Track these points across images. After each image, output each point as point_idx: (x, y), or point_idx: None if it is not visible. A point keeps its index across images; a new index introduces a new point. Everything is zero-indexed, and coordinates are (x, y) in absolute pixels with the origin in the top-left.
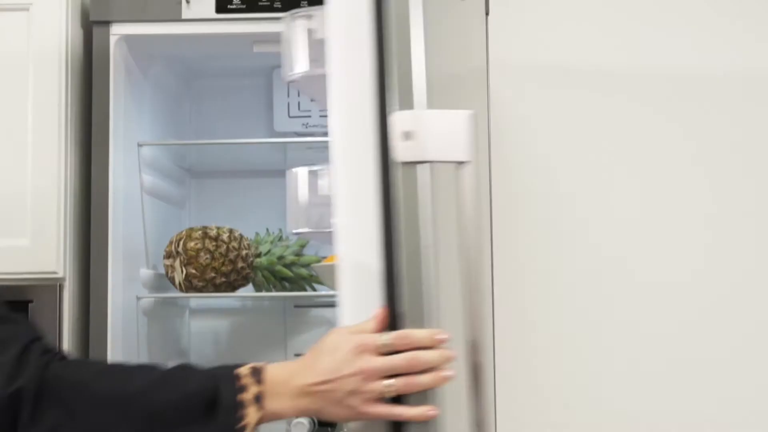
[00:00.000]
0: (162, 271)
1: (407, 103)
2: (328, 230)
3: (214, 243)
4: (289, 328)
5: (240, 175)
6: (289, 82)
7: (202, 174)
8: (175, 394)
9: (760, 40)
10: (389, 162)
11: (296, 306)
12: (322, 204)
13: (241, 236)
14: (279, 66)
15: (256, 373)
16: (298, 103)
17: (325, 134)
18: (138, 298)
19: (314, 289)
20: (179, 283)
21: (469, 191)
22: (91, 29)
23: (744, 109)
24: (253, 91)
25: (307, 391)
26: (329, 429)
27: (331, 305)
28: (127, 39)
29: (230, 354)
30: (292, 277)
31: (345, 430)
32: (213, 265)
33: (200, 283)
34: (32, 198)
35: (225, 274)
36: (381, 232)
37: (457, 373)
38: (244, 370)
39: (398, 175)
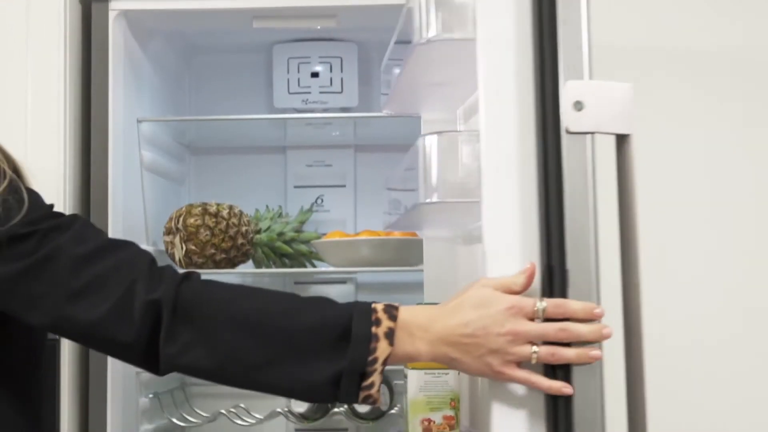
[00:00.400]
0: (162, 247)
1: (576, 73)
2: (467, 200)
3: (213, 219)
4: None
5: (240, 151)
6: (414, 48)
7: (201, 150)
8: (311, 320)
9: None
10: (548, 131)
11: (296, 282)
12: (458, 172)
13: (241, 213)
14: (279, 42)
15: (390, 310)
16: (298, 80)
17: (325, 110)
18: None
19: (314, 266)
20: (179, 260)
21: (631, 164)
22: (90, 5)
23: None
24: (252, 68)
25: (449, 340)
26: (329, 405)
27: (331, 282)
28: (126, 14)
29: None
30: (292, 253)
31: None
32: (213, 241)
33: (200, 260)
34: (31, 174)
35: (225, 251)
36: (540, 201)
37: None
38: (379, 306)
39: (567, 145)
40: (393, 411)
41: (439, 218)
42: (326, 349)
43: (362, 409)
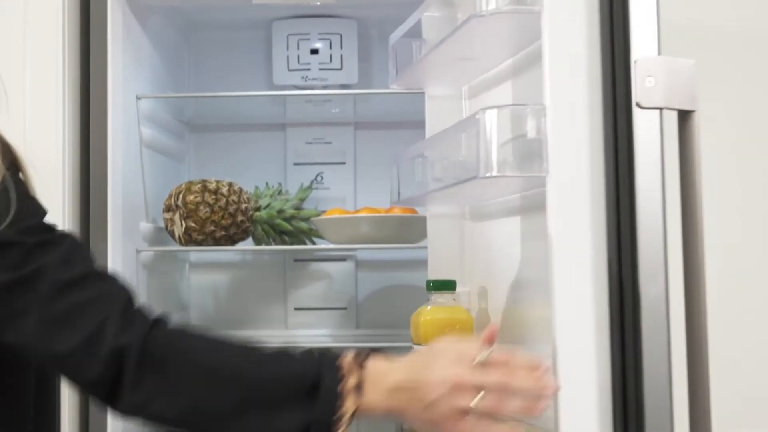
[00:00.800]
0: (162, 224)
1: (646, 49)
2: (527, 174)
3: (213, 196)
4: (289, 281)
5: (239, 128)
6: (474, 20)
7: (201, 128)
8: (279, 372)
9: None
10: (618, 106)
11: (296, 260)
12: (517, 146)
13: (241, 190)
14: (278, 18)
15: (359, 360)
16: (297, 57)
17: (325, 87)
18: (138, 251)
19: (314, 243)
20: (179, 237)
21: (694, 141)
22: None
23: None
24: (252, 44)
25: (398, 387)
26: None
27: (331, 259)
28: None
29: (230, 308)
30: (292, 230)
31: None
32: (212, 218)
33: (200, 237)
34: (30, 151)
35: (225, 228)
36: (609, 175)
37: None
38: (348, 358)
39: (638, 120)
40: None
41: (489, 191)
42: (294, 403)
43: None
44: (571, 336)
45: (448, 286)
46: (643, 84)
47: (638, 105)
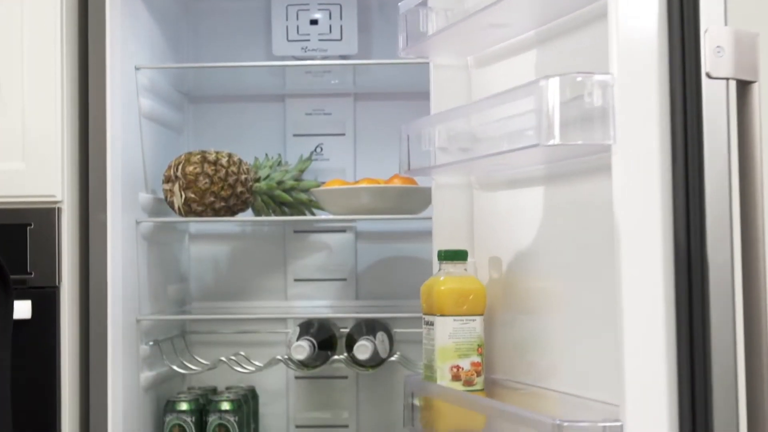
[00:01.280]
0: (161, 195)
1: (714, 19)
2: (591, 143)
3: (213, 167)
4: (288, 253)
5: (238, 99)
6: None
7: (200, 99)
8: None
9: None
10: (688, 76)
11: (296, 231)
12: (578, 114)
13: (240, 161)
14: None
15: None
16: (297, 27)
17: (324, 58)
18: (137, 222)
19: (313, 214)
20: (178, 208)
21: (757, 111)
22: None
23: None
24: (251, 15)
25: None
26: (329, 352)
27: (331, 230)
28: None
29: (230, 279)
30: (292, 202)
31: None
32: (212, 189)
33: (199, 208)
34: (29, 121)
35: (224, 199)
36: (675, 145)
37: None
38: None
39: (707, 90)
40: (393, 358)
41: (535, 158)
42: None
43: (362, 356)
44: (639, 308)
45: (460, 255)
46: (713, 54)
47: (708, 75)
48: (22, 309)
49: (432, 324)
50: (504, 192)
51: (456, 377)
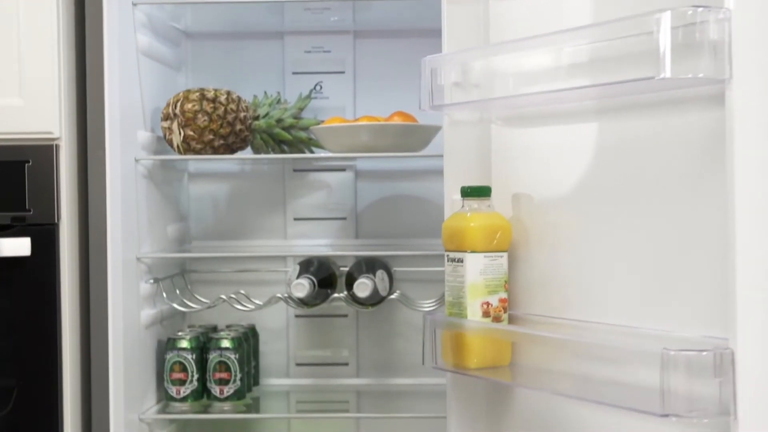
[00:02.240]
0: (160, 133)
1: None
2: (706, 76)
3: (211, 105)
4: (288, 191)
5: (237, 36)
6: None
7: (198, 36)
8: None
9: None
10: None
11: (295, 170)
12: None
13: (239, 98)
14: None
15: None
16: None
17: None
18: (136, 160)
19: (313, 153)
20: (177, 146)
21: None
22: None
23: None
24: None
25: None
26: (329, 290)
27: (330, 169)
28: None
29: (230, 218)
30: (291, 140)
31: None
32: (211, 127)
33: (198, 146)
34: (25, 57)
35: (223, 137)
36: None
37: None
38: None
39: None
40: (393, 296)
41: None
42: None
43: (361, 294)
44: (752, 244)
45: (485, 192)
46: None
47: None
48: (22, 246)
49: (461, 261)
50: (535, 129)
51: (486, 314)
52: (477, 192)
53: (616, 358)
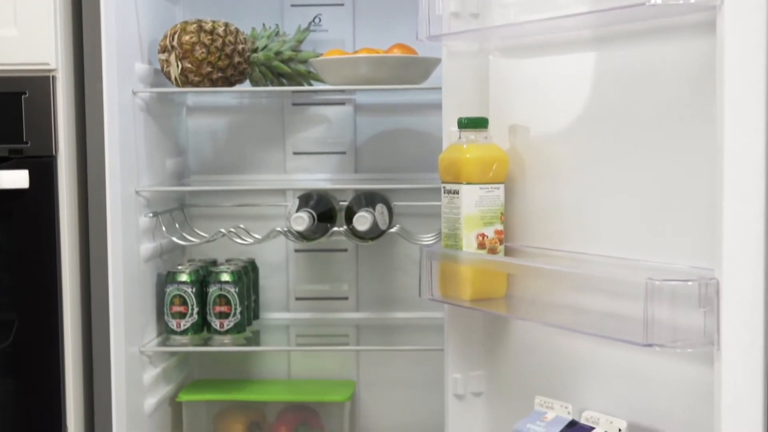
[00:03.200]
0: (158, 66)
1: None
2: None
3: (209, 37)
4: (287, 126)
5: None
6: None
7: None
8: None
9: None
10: None
11: (294, 104)
12: None
13: (237, 30)
14: None
15: None
16: None
17: None
18: (134, 93)
19: (311, 86)
20: (175, 78)
21: None
22: None
23: None
24: None
25: None
26: (328, 224)
27: (330, 103)
28: None
29: (229, 152)
30: (290, 73)
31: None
32: (209, 59)
33: (196, 78)
34: None
35: (221, 69)
36: None
37: None
38: None
39: None
40: (392, 230)
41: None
42: None
43: (361, 227)
44: (740, 173)
45: (482, 123)
46: None
47: None
48: (20, 178)
49: (456, 192)
50: (533, 60)
51: (481, 245)
52: (473, 123)
53: (603, 289)
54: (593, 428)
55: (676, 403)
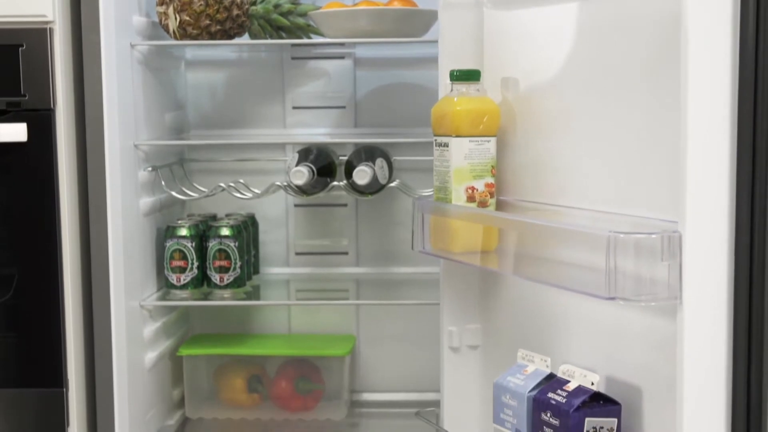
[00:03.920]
0: (155, 18)
1: None
2: None
3: None
4: (286, 80)
5: None
6: None
7: None
8: None
9: None
10: None
11: (294, 58)
12: None
13: None
14: None
15: None
16: None
17: None
18: (132, 46)
19: (310, 39)
20: (173, 31)
21: None
22: None
23: None
24: None
25: None
26: (328, 179)
27: (329, 57)
28: None
29: (228, 107)
30: (289, 26)
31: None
32: (207, 12)
33: (195, 31)
34: None
35: (220, 22)
36: None
37: None
38: None
39: None
40: (392, 184)
41: None
42: None
43: (361, 181)
44: (703, 122)
45: (473, 75)
46: None
47: None
48: (18, 131)
49: (446, 145)
50: (523, 10)
51: (471, 198)
52: (465, 76)
53: (571, 243)
54: (568, 381)
55: (650, 357)
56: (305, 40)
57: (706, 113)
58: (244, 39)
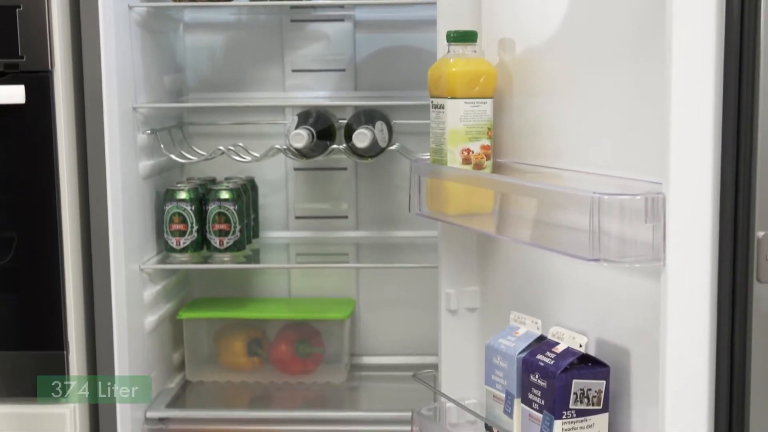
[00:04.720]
0: None
1: None
2: None
3: None
4: (286, 43)
5: None
6: None
7: None
8: None
9: None
10: None
11: (293, 20)
12: None
13: None
14: None
15: None
16: None
17: None
18: (130, 7)
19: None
20: None
21: None
22: None
23: None
24: None
25: None
26: (328, 142)
27: (329, 19)
28: None
29: (227, 70)
30: None
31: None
32: None
33: None
34: None
35: None
36: None
37: None
38: None
39: None
40: (392, 147)
41: None
42: None
43: (360, 144)
44: (688, 86)
45: (470, 37)
46: None
47: None
48: (16, 93)
49: (442, 107)
50: None
51: (466, 160)
52: (461, 37)
53: (557, 204)
54: (558, 343)
55: (639, 320)
56: (304, 2)
57: (691, 75)
58: (243, 0)
